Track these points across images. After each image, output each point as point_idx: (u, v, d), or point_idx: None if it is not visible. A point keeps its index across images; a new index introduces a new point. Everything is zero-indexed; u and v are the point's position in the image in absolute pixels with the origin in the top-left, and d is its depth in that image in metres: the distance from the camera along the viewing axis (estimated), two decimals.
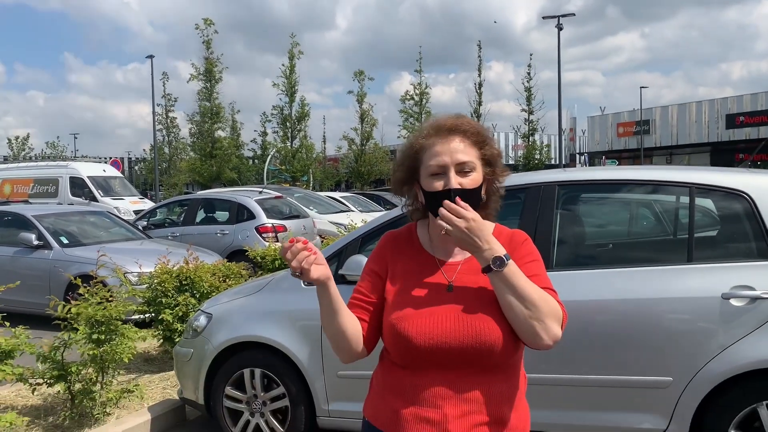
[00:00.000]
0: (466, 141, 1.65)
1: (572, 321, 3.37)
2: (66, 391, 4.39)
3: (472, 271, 1.65)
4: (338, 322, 1.61)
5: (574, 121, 45.31)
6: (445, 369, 1.58)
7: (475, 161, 1.65)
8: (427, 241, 1.75)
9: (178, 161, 39.74)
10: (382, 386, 1.69)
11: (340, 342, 1.64)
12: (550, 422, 3.43)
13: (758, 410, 3.10)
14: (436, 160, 1.63)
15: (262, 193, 12.20)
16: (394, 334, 1.61)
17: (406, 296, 1.65)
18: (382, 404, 1.66)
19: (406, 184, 1.74)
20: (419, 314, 1.60)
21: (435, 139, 1.66)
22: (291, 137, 33.25)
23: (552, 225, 3.60)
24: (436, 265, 1.70)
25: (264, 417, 4.03)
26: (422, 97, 35.46)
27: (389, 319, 1.63)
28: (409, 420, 1.59)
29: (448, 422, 1.56)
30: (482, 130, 1.69)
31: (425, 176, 1.66)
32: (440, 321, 1.58)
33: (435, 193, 1.63)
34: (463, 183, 1.62)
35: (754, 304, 3.11)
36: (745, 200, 3.31)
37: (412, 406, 1.59)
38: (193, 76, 32.89)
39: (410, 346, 1.58)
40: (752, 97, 35.05)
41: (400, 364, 1.64)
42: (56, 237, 8.25)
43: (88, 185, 19.15)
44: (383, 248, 1.77)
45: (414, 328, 1.58)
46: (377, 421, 1.67)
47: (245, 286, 4.56)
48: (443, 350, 1.56)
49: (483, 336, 1.56)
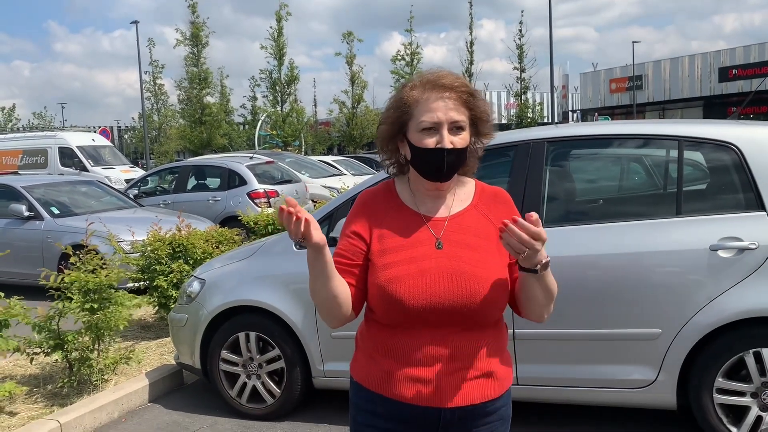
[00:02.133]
0: (459, 99, 1.62)
1: (563, 277, 3.41)
2: (63, 360, 4.43)
3: (460, 229, 1.65)
4: (331, 287, 1.57)
5: (566, 78, 44.97)
6: (434, 327, 1.58)
7: (466, 120, 1.63)
8: (408, 197, 1.70)
9: (167, 129, 39.35)
10: (371, 347, 1.67)
11: (332, 308, 1.60)
12: (542, 376, 3.49)
13: (745, 359, 3.16)
14: (430, 116, 1.59)
15: (253, 159, 12.14)
16: (384, 297, 1.58)
17: (393, 255, 1.61)
18: (373, 365, 1.65)
19: (392, 138, 1.69)
20: (410, 275, 1.57)
21: (429, 93, 1.61)
22: (281, 101, 32.85)
23: (542, 182, 3.60)
24: (421, 221, 1.66)
25: (260, 379, 4.08)
26: (413, 58, 35.02)
27: (378, 281, 1.60)
28: (400, 380, 1.59)
29: (440, 379, 1.57)
30: (475, 91, 1.66)
31: (415, 131, 1.61)
32: (432, 281, 1.56)
33: (426, 150, 1.60)
34: (455, 142, 1.60)
35: (741, 255, 3.14)
36: (733, 152, 3.32)
37: (402, 365, 1.59)
38: (179, 41, 32.32)
39: (402, 308, 1.56)
40: (745, 49, 34.78)
41: (389, 324, 1.62)
42: (47, 208, 8.21)
43: (77, 155, 18.96)
44: (363, 207, 1.71)
45: (406, 290, 1.56)
46: (369, 383, 1.66)
47: (237, 252, 4.57)
48: (436, 310, 1.56)
49: (476, 296, 1.56)
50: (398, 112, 1.65)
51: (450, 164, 1.60)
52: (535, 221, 1.45)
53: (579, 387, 3.45)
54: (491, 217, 1.68)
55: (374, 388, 1.64)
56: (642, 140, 3.79)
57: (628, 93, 39.84)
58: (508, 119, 40.40)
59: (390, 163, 1.74)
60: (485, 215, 1.69)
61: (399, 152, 1.70)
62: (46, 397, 4.42)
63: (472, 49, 35.29)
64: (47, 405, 4.28)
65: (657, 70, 38.95)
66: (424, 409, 1.59)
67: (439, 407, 1.58)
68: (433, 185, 1.66)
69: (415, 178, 1.69)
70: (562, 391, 3.51)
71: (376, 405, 1.65)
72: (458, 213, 1.68)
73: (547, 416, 3.84)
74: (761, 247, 3.11)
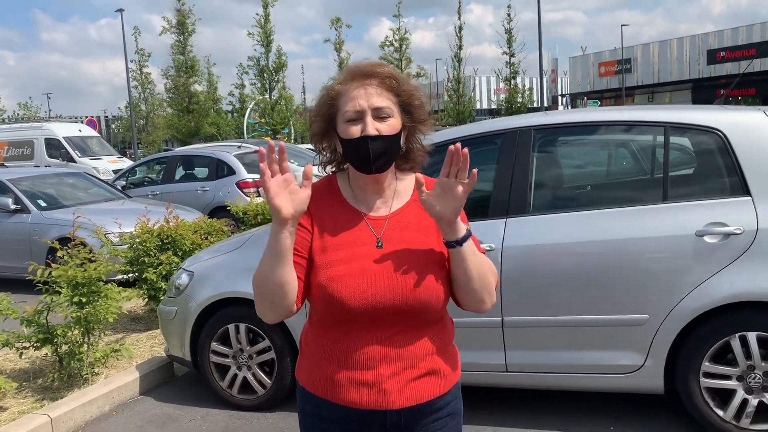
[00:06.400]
0: (383, 86, 1.58)
1: (550, 263, 3.45)
2: (53, 354, 4.42)
3: (400, 226, 1.62)
4: (286, 273, 1.49)
5: (555, 63, 44.90)
6: (376, 328, 1.55)
7: (392, 107, 1.58)
8: (349, 194, 1.67)
9: (155, 118, 39.06)
10: (314, 351, 1.64)
11: (279, 297, 1.51)
12: (531, 363, 3.52)
13: (731, 342, 3.19)
14: (352, 105, 1.56)
15: (242, 148, 12.06)
16: (325, 296, 1.55)
17: (334, 254, 1.58)
18: (316, 370, 1.63)
19: (325, 135, 1.66)
20: (350, 274, 1.54)
21: (351, 83, 1.59)
22: (269, 89, 32.66)
23: (529, 169, 3.60)
24: (362, 220, 1.63)
25: (251, 370, 4.09)
26: (402, 43, 34.88)
27: (319, 279, 1.56)
28: (345, 384, 1.57)
29: (384, 382, 1.55)
30: (399, 76, 1.62)
31: (342, 123, 1.59)
32: (373, 280, 1.54)
33: (352, 140, 1.56)
34: (381, 129, 1.56)
35: (726, 240, 3.16)
36: (718, 137, 3.33)
37: (345, 369, 1.57)
38: (165, 29, 32.06)
39: (343, 308, 1.53)
40: (733, 31, 34.81)
41: (330, 325, 1.60)
42: (34, 200, 8.14)
43: (64, 146, 18.81)
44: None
45: (346, 290, 1.53)
46: (313, 388, 1.63)
47: (225, 243, 4.55)
48: (377, 310, 1.53)
49: (418, 295, 1.54)
50: (325, 107, 1.63)
51: (377, 152, 1.56)
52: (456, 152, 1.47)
53: (567, 373, 3.48)
54: None
55: (320, 394, 1.62)
56: (629, 127, 3.79)
57: (617, 76, 39.85)
58: (497, 104, 40.32)
59: (328, 161, 1.71)
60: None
61: (336, 150, 1.67)
62: (37, 392, 4.41)
63: (461, 34, 35.17)
64: (38, 399, 4.27)
65: (646, 53, 38.96)
66: (370, 412, 1.57)
67: (385, 409, 1.56)
68: (371, 178, 1.63)
69: (353, 174, 1.66)
70: (550, 378, 3.53)
71: (321, 409, 1.63)
72: (398, 210, 1.65)
73: (535, 403, 3.87)
74: (746, 232, 3.13)
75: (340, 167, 1.71)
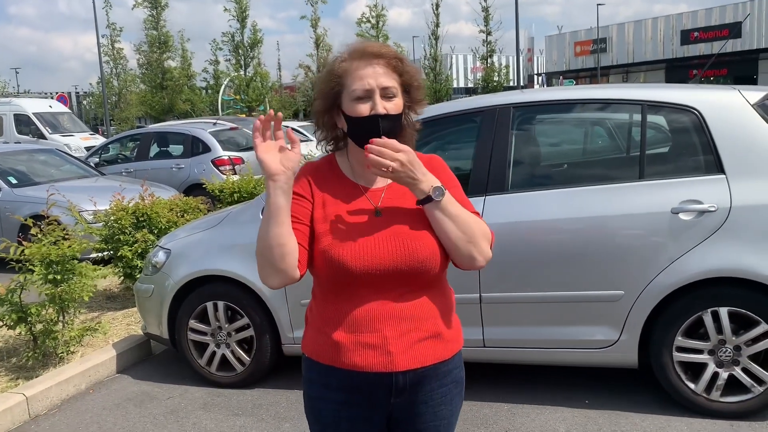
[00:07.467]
0: (389, 66, 1.64)
1: (528, 240, 3.48)
2: (28, 333, 4.36)
3: (397, 196, 1.68)
4: (282, 233, 1.53)
5: (532, 41, 44.99)
6: (380, 291, 1.60)
7: (397, 87, 1.65)
8: (348, 170, 1.74)
9: (127, 94, 38.33)
10: (319, 321, 1.68)
11: (276, 258, 1.54)
12: (507, 338, 3.56)
13: (703, 318, 3.26)
14: (361, 84, 1.61)
15: (217, 125, 11.91)
16: (327, 261, 1.60)
17: (335, 223, 1.64)
18: (321, 338, 1.66)
19: (328, 112, 1.70)
20: (351, 239, 1.61)
21: (359, 62, 1.63)
22: (244, 65, 32.20)
23: (507, 147, 3.62)
24: (360, 192, 1.70)
25: (230, 347, 4.08)
26: (379, 20, 34.56)
27: (321, 246, 1.62)
28: (350, 347, 1.60)
29: (389, 343, 1.59)
30: (403, 57, 1.68)
31: (348, 101, 1.63)
32: (374, 244, 1.60)
33: (360, 118, 1.62)
34: (388, 108, 1.62)
35: (701, 218, 3.21)
36: (694, 115, 3.37)
37: (350, 333, 1.61)
38: (137, 3, 31.34)
39: (346, 271, 1.58)
40: (706, 12, 35.11)
41: (334, 292, 1.64)
42: (4, 177, 7.98)
43: (34, 122, 18.37)
44: (304, 175, 1.72)
45: (348, 253, 1.58)
46: (319, 356, 1.67)
47: (202, 221, 4.51)
48: (379, 272, 1.58)
49: (418, 254, 1.59)
50: (330, 84, 1.66)
51: (386, 130, 1.61)
52: (392, 142, 1.56)
53: (544, 348, 3.53)
54: None
55: (326, 361, 1.65)
56: (606, 105, 3.82)
57: (592, 56, 40.03)
58: (474, 83, 40.30)
59: (327, 139, 1.76)
60: None
61: (336, 126, 1.72)
62: (11, 371, 4.36)
63: (437, 12, 34.92)
64: (12, 378, 4.23)
65: (621, 33, 39.15)
66: (377, 375, 1.60)
67: (391, 372, 1.60)
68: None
69: (353, 151, 1.71)
70: (527, 353, 3.58)
71: (329, 377, 1.66)
72: (394, 182, 1.69)
73: (512, 379, 3.93)
74: (720, 209, 3.19)
75: (338, 145, 1.76)
